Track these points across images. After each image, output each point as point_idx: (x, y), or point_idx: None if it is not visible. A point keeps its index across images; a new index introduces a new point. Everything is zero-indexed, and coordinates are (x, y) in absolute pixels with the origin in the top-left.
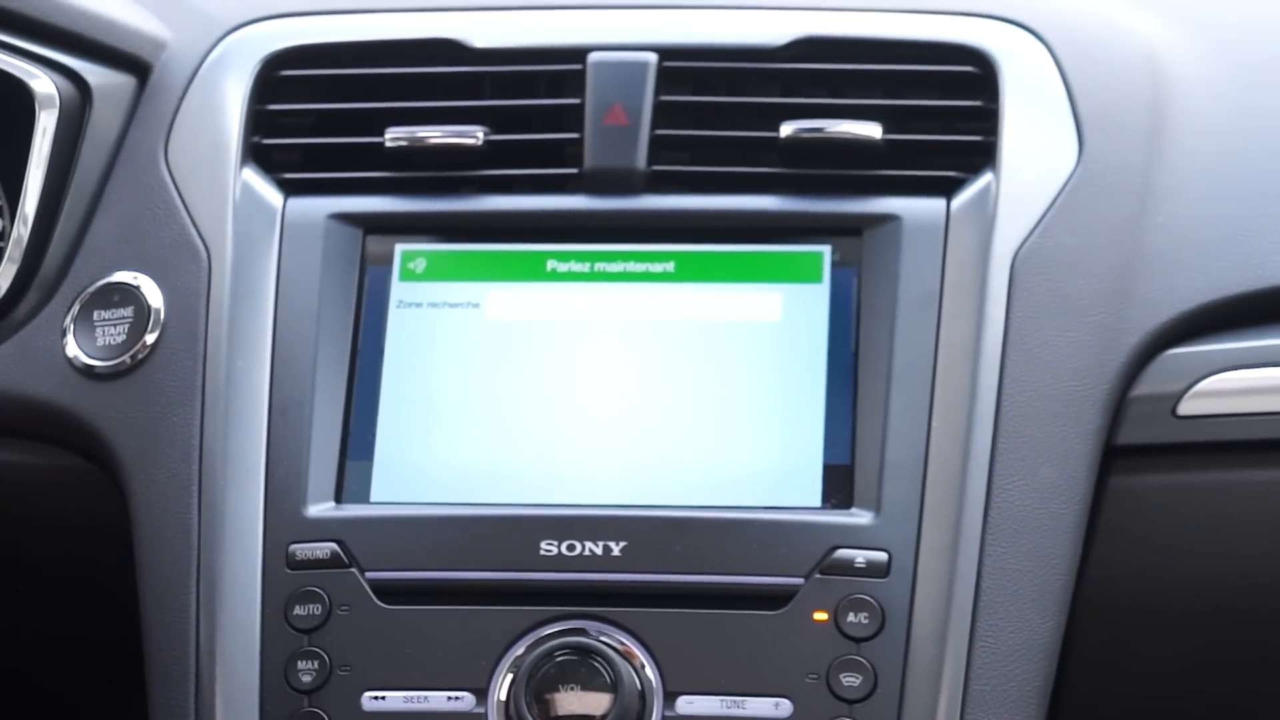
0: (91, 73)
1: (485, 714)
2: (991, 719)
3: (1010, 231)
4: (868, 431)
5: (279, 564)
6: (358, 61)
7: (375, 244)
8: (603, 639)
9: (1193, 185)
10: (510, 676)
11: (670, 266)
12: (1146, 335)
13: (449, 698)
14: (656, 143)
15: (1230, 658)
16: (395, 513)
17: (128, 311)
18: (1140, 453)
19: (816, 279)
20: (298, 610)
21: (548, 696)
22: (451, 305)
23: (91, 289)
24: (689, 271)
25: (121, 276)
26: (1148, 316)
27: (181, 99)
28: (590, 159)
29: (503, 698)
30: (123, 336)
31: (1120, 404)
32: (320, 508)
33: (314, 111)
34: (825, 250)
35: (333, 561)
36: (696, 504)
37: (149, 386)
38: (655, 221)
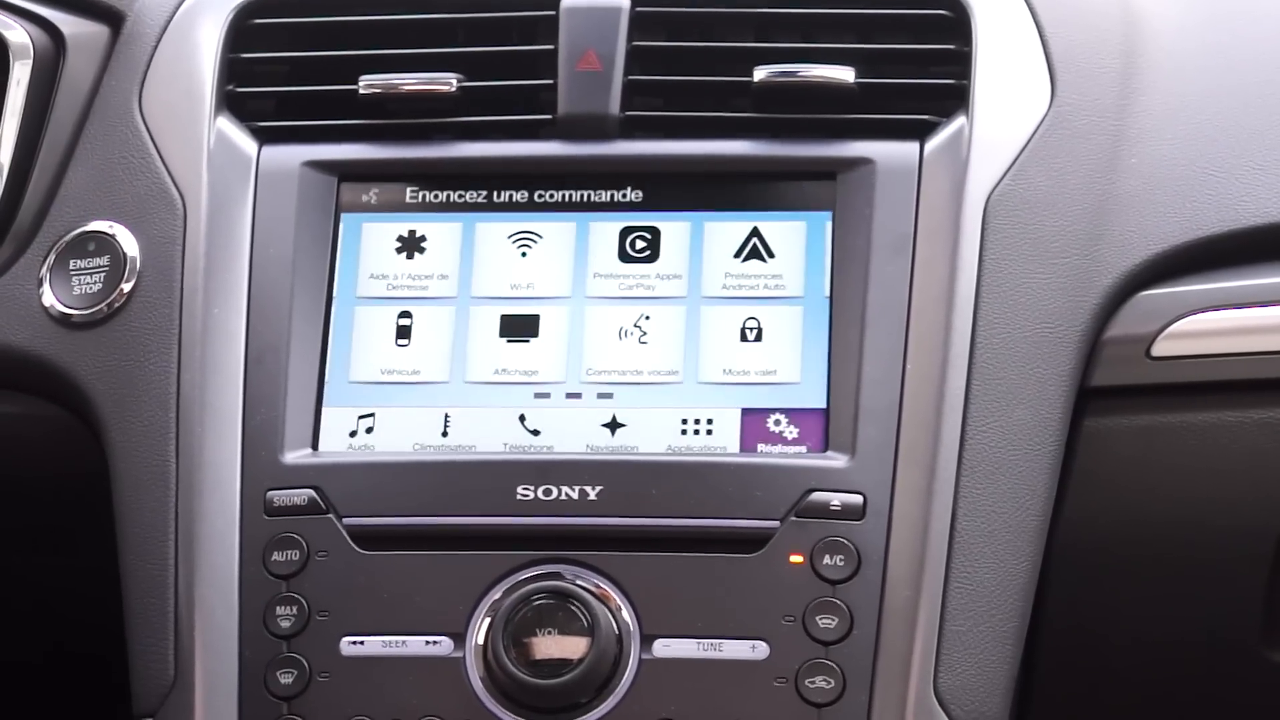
0: (65, 22)
1: (463, 658)
2: (967, 659)
3: (983, 174)
4: (843, 375)
5: (257, 511)
6: (331, 9)
7: (349, 191)
8: (579, 583)
9: (1166, 127)
10: (488, 621)
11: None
12: (1120, 276)
13: (427, 642)
14: (630, 88)
15: (1204, 600)
16: (372, 459)
17: (103, 260)
18: (1114, 394)
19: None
20: (276, 556)
21: (525, 640)
22: None
23: (67, 238)
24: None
25: (97, 225)
26: (1121, 257)
27: (155, 48)
28: (564, 105)
29: (480, 642)
30: (99, 285)
31: (1094, 345)
32: (297, 454)
33: (287, 59)
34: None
35: (310, 508)
36: (672, 448)
37: (125, 335)
38: (629, 166)
